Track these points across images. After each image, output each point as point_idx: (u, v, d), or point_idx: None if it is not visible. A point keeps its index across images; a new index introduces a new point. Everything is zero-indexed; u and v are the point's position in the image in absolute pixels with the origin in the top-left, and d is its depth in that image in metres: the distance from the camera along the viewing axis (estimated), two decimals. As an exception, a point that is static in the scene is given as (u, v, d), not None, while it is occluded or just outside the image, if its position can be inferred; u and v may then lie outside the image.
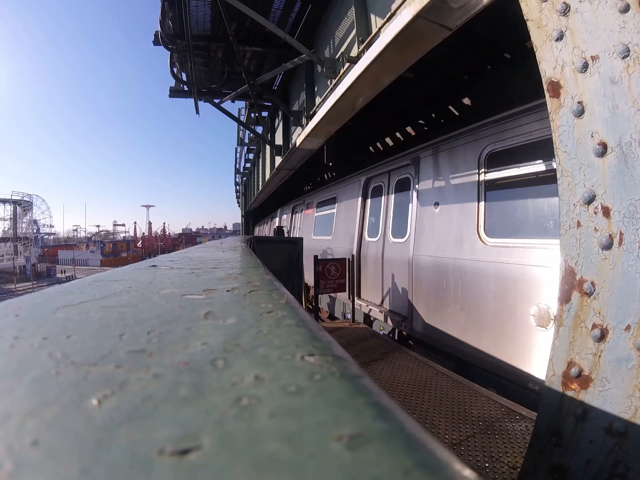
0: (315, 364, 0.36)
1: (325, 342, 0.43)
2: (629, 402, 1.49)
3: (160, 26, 7.36)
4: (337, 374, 0.35)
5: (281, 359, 0.38)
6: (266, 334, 0.45)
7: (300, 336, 0.44)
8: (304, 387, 0.32)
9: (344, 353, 0.41)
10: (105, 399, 0.32)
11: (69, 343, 0.45)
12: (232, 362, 0.38)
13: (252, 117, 12.75)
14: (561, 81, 1.75)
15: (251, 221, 27.76)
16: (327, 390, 0.32)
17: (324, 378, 0.34)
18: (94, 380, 0.35)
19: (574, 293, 1.71)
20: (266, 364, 0.37)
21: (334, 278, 7.12)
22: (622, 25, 1.52)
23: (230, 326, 0.49)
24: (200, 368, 0.37)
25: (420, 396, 3.88)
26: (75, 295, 0.71)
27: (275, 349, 0.41)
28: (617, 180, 1.56)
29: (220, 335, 0.46)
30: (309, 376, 0.34)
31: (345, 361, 0.38)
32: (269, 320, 0.51)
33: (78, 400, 0.32)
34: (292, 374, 0.35)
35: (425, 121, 9.76)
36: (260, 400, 0.31)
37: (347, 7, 5.82)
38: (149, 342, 0.44)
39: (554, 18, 1.77)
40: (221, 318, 0.52)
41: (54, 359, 0.40)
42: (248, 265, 1.17)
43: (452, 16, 3.22)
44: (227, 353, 0.40)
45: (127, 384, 0.34)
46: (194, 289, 0.73)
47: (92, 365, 0.38)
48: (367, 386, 0.33)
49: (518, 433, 3.15)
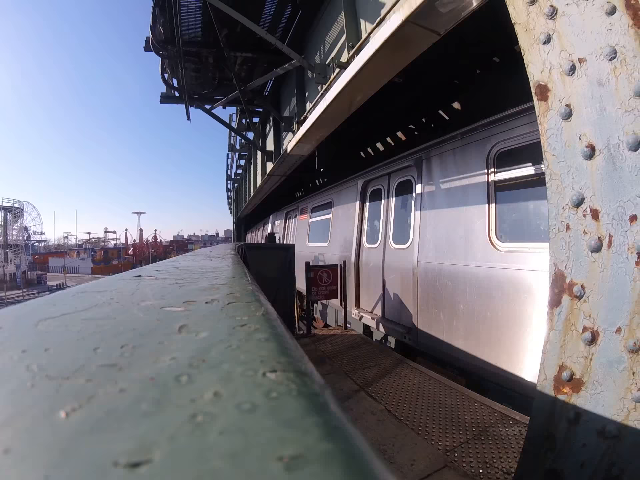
0: (275, 381, 0.37)
1: (292, 358, 0.43)
2: (621, 405, 1.48)
3: (151, 32, 7.35)
4: (295, 392, 0.35)
5: (243, 375, 0.39)
6: (234, 349, 0.46)
7: (267, 351, 0.45)
8: (258, 405, 0.33)
9: (309, 368, 0.41)
10: (73, 411, 0.33)
11: (46, 356, 0.47)
12: (195, 378, 0.39)
13: (243, 123, 12.78)
14: (549, 84, 1.76)
15: (243, 228, 27.70)
16: (280, 408, 0.32)
17: (280, 396, 0.34)
18: (64, 393, 0.36)
19: (564, 296, 1.70)
20: (228, 380, 0.38)
21: (326, 284, 7.08)
22: (609, 27, 1.52)
23: (202, 340, 0.50)
24: (164, 384, 0.38)
25: (413, 403, 3.86)
26: (58, 307, 0.73)
27: (239, 364, 0.41)
28: (606, 182, 1.55)
29: (190, 350, 0.47)
30: (265, 393, 0.35)
31: (307, 377, 0.38)
32: (240, 334, 0.52)
33: (48, 412, 0.33)
34: (250, 391, 0.35)
35: (415, 126, 9.82)
36: (213, 418, 0.31)
37: (337, 13, 5.85)
38: (121, 356, 0.46)
39: (541, 21, 1.77)
40: (194, 332, 0.53)
41: (30, 372, 0.41)
42: (233, 275, 1.17)
43: (441, 21, 3.24)
44: (192, 369, 0.41)
45: (94, 397, 0.35)
46: (174, 301, 0.74)
47: (65, 379, 0.39)
48: (324, 404, 0.34)
49: (512, 438, 3.13)
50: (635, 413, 1.44)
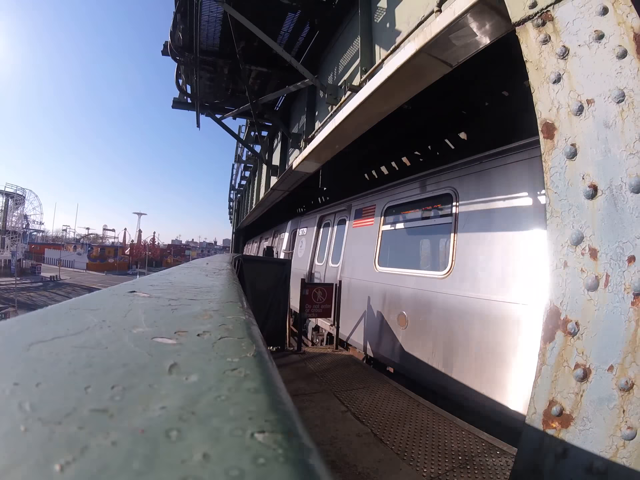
0: (263, 444, 0.36)
1: (281, 414, 0.43)
2: (610, 442, 1.47)
3: (171, 37, 7.46)
4: (282, 458, 0.34)
5: (232, 435, 0.38)
6: (224, 400, 0.46)
7: (256, 406, 0.44)
8: (246, 472, 0.33)
9: (297, 427, 0.41)
10: (67, 465, 0.33)
11: (37, 393, 0.46)
12: (185, 434, 0.39)
13: (251, 135, 12.87)
14: (556, 123, 1.79)
15: (242, 239, 27.66)
16: (267, 477, 0.32)
17: (267, 462, 0.34)
18: (58, 442, 0.36)
19: (557, 332, 1.70)
20: (217, 440, 0.38)
21: (319, 303, 7.04)
22: (619, 70, 1.56)
23: (192, 386, 0.50)
24: (155, 438, 0.38)
25: (400, 427, 3.82)
26: (50, 326, 0.72)
27: (228, 421, 0.41)
28: (606, 222, 1.57)
29: (180, 397, 0.46)
30: (253, 459, 0.34)
31: (295, 439, 0.38)
32: (230, 380, 0.52)
33: (43, 463, 0.33)
34: (238, 455, 0.35)
35: (421, 152, 9.93)
36: None
37: (353, 37, 5.96)
38: (112, 399, 0.45)
39: (552, 61, 1.81)
40: (185, 374, 0.53)
41: (23, 412, 0.41)
42: (227, 299, 1.15)
43: (454, 53, 3.31)
44: (182, 422, 0.41)
45: (87, 450, 0.35)
46: (165, 330, 0.74)
47: (57, 424, 0.39)
48: (310, 471, 0.34)
49: (498, 468, 3.09)
50: (624, 450, 1.43)
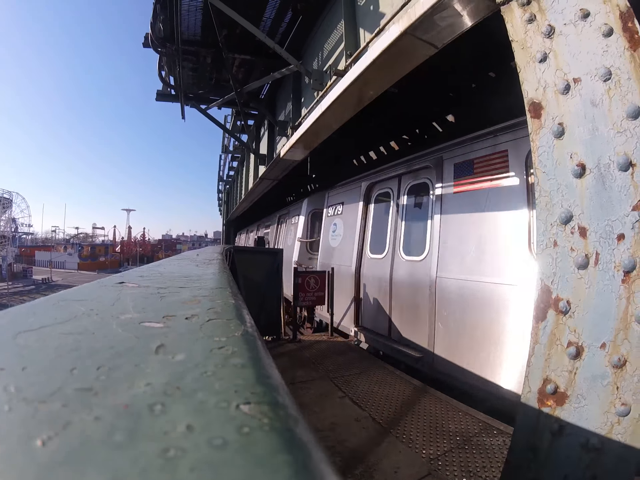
0: (248, 414, 0.37)
1: (267, 387, 0.43)
2: (604, 418, 1.50)
3: (151, 28, 7.30)
4: (267, 427, 0.35)
5: (217, 407, 0.39)
6: (209, 376, 0.46)
7: (243, 380, 0.45)
8: (230, 441, 0.33)
9: (284, 399, 0.41)
10: (49, 439, 0.33)
11: (23, 376, 0.47)
12: (169, 408, 0.39)
13: (237, 125, 12.74)
14: (543, 102, 1.78)
15: (232, 230, 27.52)
16: (251, 445, 0.32)
17: (252, 431, 0.34)
18: (41, 419, 0.37)
19: (549, 311, 1.72)
20: (201, 412, 0.38)
21: (313, 291, 7.05)
22: (605, 48, 1.56)
23: (178, 364, 0.50)
24: (138, 412, 0.38)
25: (398, 411, 3.87)
26: (37, 317, 0.73)
27: (214, 394, 0.41)
28: (595, 201, 1.58)
29: (165, 374, 0.46)
30: (237, 428, 0.35)
31: (281, 409, 0.39)
32: (217, 357, 0.52)
33: (26, 439, 0.34)
34: (222, 425, 0.35)
35: (409, 136, 9.88)
36: (185, 452, 0.32)
37: (337, 21, 5.88)
38: (97, 379, 0.45)
39: (538, 40, 1.80)
40: (171, 353, 0.53)
41: (7, 393, 0.42)
42: (217, 286, 1.16)
43: (439, 34, 3.27)
44: (167, 397, 0.41)
45: (69, 425, 0.36)
46: (154, 315, 0.74)
47: (42, 403, 0.40)
48: (296, 440, 0.34)
49: (495, 448, 3.15)
50: (619, 427, 1.46)
